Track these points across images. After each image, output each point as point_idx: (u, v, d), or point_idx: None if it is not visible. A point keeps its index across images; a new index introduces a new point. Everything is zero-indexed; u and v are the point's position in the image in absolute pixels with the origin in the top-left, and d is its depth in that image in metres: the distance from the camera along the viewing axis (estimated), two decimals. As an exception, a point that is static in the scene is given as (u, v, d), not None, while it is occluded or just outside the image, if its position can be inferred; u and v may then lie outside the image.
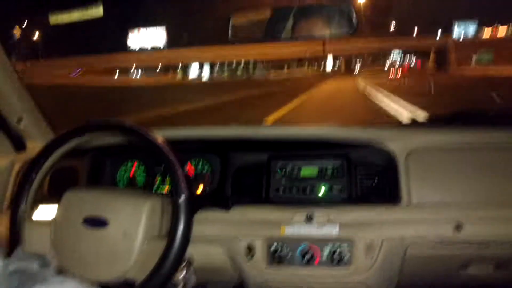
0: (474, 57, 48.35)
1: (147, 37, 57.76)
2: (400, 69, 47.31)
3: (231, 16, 1.31)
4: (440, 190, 1.45)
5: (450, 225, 1.38)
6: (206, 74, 64.69)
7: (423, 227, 1.40)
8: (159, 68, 63.04)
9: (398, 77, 39.15)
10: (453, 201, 1.42)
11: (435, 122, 1.78)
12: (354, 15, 1.18)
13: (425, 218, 1.41)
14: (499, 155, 1.46)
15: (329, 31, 1.25)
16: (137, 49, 56.54)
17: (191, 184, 1.18)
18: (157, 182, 1.78)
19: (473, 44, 53.58)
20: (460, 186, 1.44)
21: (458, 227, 1.37)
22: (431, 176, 1.47)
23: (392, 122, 2.10)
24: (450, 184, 1.45)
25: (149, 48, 57.01)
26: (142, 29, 57.62)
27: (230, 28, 1.30)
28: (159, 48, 56.90)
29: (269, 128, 1.79)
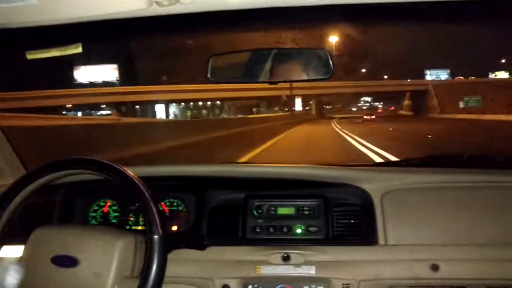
0: (461, 102, 48.24)
1: (98, 73, 55.16)
2: (371, 114, 47.91)
3: (211, 57, 1.34)
4: (416, 231, 1.47)
5: (426, 265, 1.39)
6: (162, 114, 61.75)
7: (400, 267, 1.41)
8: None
9: (370, 120, 40.48)
10: (429, 241, 1.45)
11: (410, 164, 1.82)
12: (331, 60, 1.22)
13: (402, 259, 1.42)
14: (473, 196, 1.51)
15: (307, 75, 1.28)
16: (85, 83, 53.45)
17: (166, 222, 1.16)
18: (131, 220, 1.74)
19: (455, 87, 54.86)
20: (436, 227, 1.47)
21: (435, 268, 1.38)
22: (407, 216, 1.49)
23: (369, 163, 2.15)
24: (425, 225, 1.47)
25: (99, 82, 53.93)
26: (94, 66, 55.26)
27: (209, 68, 1.32)
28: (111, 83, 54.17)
29: (246, 166, 1.80)
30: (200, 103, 69.67)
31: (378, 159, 9.98)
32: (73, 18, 1.01)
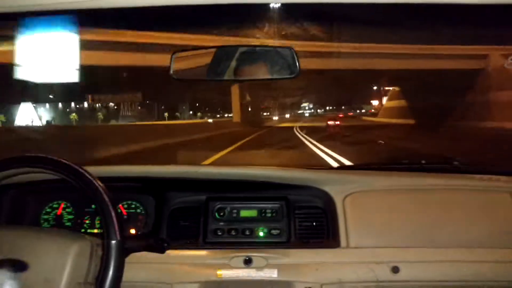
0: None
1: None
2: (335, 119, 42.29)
3: (173, 54, 1.29)
4: (377, 233, 1.49)
5: (387, 268, 1.40)
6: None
7: (361, 270, 1.42)
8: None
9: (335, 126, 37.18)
10: (389, 244, 1.47)
11: (371, 167, 1.85)
12: (297, 59, 1.21)
13: (363, 261, 1.43)
14: (433, 199, 1.54)
15: (273, 73, 1.27)
16: None
17: (124, 225, 1.11)
18: (86, 223, 1.66)
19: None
20: (396, 229, 1.49)
21: (395, 270, 1.40)
22: (368, 219, 1.51)
23: (331, 167, 2.17)
24: (386, 227, 1.49)
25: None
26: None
27: (171, 65, 1.28)
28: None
29: (208, 168, 1.77)
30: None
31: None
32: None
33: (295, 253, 1.47)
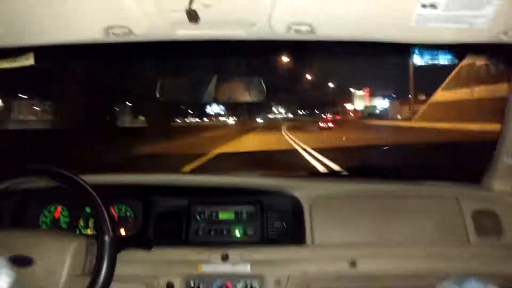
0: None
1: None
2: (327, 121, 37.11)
3: (159, 77, 1.50)
4: (338, 232, 1.70)
5: (346, 261, 1.62)
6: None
7: (323, 264, 1.63)
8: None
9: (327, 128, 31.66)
10: (349, 241, 1.68)
11: (336, 174, 2.06)
12: (263, 85, 1.42)
13: (325, 256, 1.64)
14: (388, 203, 1.76)
15: (245, 96, 1.47)
16: None
17: (115, 226, 1.30)
18: (80, 225, 1.84)
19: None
20: (355, 229, 1.70)
21: (353, 264, 1.62)
22: (331, 220, 1.72)
23: (302, 174, 2.38)
24: (346, 227, 1.70)
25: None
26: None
27: (158, 88, 1.48)
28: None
29: (190, 175, 1.96)
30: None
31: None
32: (39, 42, 1.14)
33: (266, 250, 1.68)
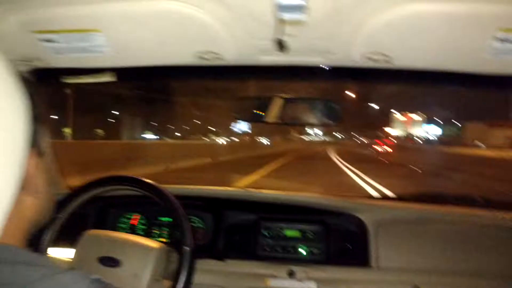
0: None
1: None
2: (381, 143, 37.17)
3: (237, 99, 1.62)
4: (404, 257, 1.70)
5: (409, 287, 1.61)
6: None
7: (387, 287, 1.63)
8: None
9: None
10: (413, 267, 1.67)
11: (402, 198, 2.06)
12: (338, 109, 1.48)
13: (389, 280, 1.65)
14: (452, 230, 1.74)
15: (316, 119, 1.53)
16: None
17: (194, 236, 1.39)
18: (155, 233, 1.97)
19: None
20: (420, 254, 1.69)
21: None
22: (396, 244, 1.73)
23: (366, 196, 2.39)
24: (411, 252, 1.70)
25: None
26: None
27: (234, 107, 1.60)
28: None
29: (258, 191, 2.04)
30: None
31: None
32: (136, 64, 1.28)
33: (331, 270, 1.71)
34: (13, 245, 0.64)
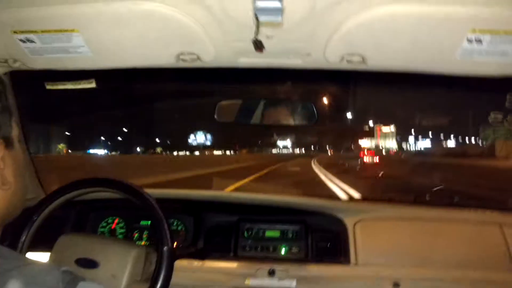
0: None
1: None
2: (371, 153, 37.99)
3: (218, 103, 1.64)
4: (382, 254, 1.74)
5: (389, 283, 1.65)
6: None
7: (367, 283, 1.67)
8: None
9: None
10: (392, 262, 1.71)
11: (377, 199, 2.11)
12: (315, 110, 1.52)
13: (369, 276, 1.68)
14: (430, 227, 1.79)
15: (294, 120, 1.57)
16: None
17: (173, 237, 1.39)
18: (135, 236, 1.97)
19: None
20: (398, 251, 1.74)
21: (396, 285, 1.64)
22: (374, 241, 1.77)
23: (344, 199, 2.45)
24: (389, 249, 1.74)
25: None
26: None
27: (216, 110, 1.62)
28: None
29: (238, 193, 2.06)
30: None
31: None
32: (115, 66, 1.28)
33: (311, 268, 1.73)
34: None
